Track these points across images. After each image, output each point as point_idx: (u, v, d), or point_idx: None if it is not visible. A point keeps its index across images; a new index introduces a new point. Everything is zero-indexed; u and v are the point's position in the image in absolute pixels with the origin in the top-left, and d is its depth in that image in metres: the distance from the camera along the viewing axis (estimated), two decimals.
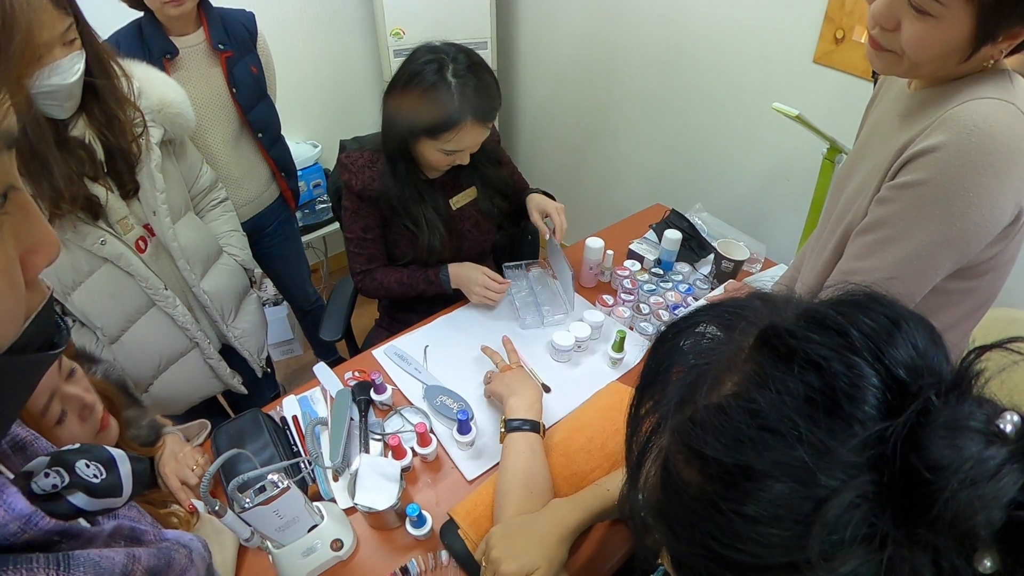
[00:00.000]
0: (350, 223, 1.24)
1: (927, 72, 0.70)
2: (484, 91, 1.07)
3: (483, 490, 0.88)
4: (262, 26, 1.50)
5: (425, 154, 1.12)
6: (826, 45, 1.56)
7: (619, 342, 1.12)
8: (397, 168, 1.18)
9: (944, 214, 0.67)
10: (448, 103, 1.04)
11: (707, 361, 0.36)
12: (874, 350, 0.31)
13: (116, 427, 0.85)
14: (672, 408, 0.36)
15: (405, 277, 1.26)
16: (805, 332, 0.32)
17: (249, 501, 0.76)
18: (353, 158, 1.20)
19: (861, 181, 0.80)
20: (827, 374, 0.30)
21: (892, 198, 0.72)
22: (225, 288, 1.22)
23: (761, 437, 0.30)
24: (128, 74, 1.01)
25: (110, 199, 0.99)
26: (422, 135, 1.09)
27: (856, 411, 0.29)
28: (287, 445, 1.02)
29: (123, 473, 0.42)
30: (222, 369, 1.25)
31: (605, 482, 0.80)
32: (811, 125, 1.23)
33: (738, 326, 0.37)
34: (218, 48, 1.36)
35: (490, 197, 1.31)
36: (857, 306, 0.34)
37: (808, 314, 0.34)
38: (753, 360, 0.34)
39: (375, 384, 1.04)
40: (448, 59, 1.05)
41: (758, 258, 1.49)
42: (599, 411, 0.97)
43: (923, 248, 0.70)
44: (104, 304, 1.04)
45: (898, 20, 0.65)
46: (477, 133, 1.09)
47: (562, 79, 2.33)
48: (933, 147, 0.66)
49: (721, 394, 0.34)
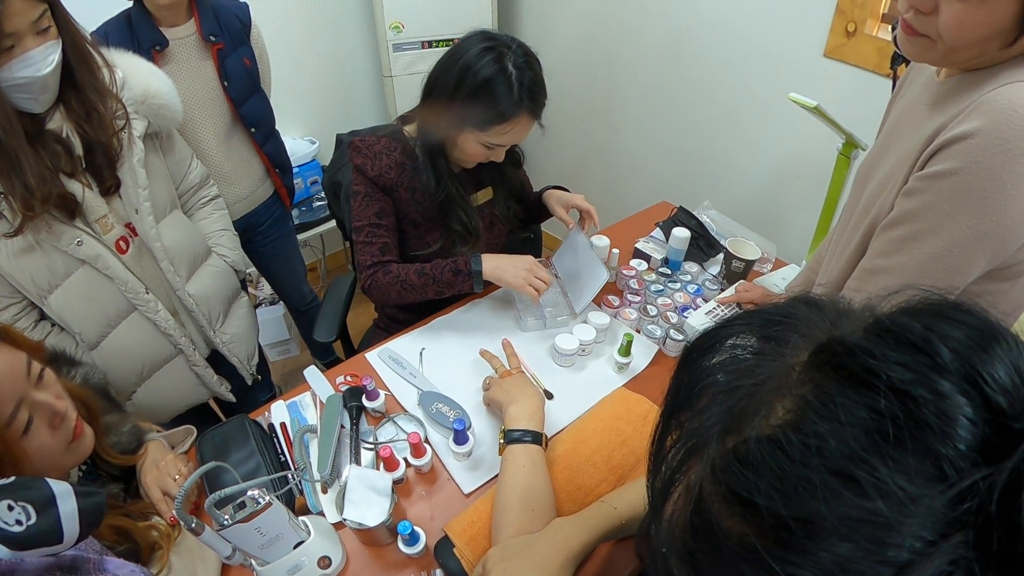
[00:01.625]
0: (361, 209, 1.12)
1: (964, 59, 0.64)
2: (539, 84, 1.03)
3: (480, 505, 0.83)
4: (258, 18, 1.45)
5: (466, 147, 1.07)
6: (837, 38, 1.51)
7: (626, 346, 1.06)
8: (438, 164, 1.11)
9: (979, 207, 0.61)
10: (507, 95, 0.99)
11: (751, 382, 0.30)
12: (968, 372, 0.25)
13: (91, 436, 0.80)
14: (709, 438, 0.30)
15: (428, 268, 1.11)
16: (878, 348, 0.26)
17: (228, 518, 0.71)
18: (369, 143, 1.12)
19: (886, 173, 0.75)
20: (911, 401, 0.25)
21: (921, 189, 0.66)
22: (213, 291, 1.16)
23: (828, 483, 0.24)
24: (110, 64, 0.96)
25: (88, 196, 0.94)
26: (470, 126, 1.03)
27: (947, 450, 0.24)
28: (274, 454, 0.96)
29: (64, 513, 0.36)
30: (208, 376, 1.20)
31: (611, 499, 0.74)
32: (829, 117, 1.17)
33: (786, 338, 0.32)
34: (209, 40, 1.31)
35: (506, 199, 1.26)
36: (939, 316, 0.28)
37: (880, 326, 0.28)
38: (811, 382, 0.28)
39: (367, 390, 0.98)
40: (508, 50, 1.00)
41: (769, 258, 1.44)
42: (605, 421, 0.91)
43: (955, 244, 0.64)
44: (82, 308, 0.98)
45: (935, 2, 0.59)
46: (526, 128, 1.06)
47: (566, 74, 2.28)
48: (967, 133, 0.61)
49: (772, 424, 0.28)
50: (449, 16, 2.06)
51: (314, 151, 2.15)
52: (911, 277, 0.68)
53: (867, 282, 0.73)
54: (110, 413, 0.93)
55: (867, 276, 0.74)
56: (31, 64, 0.82)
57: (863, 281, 0.74)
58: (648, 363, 1.12)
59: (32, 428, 0.70)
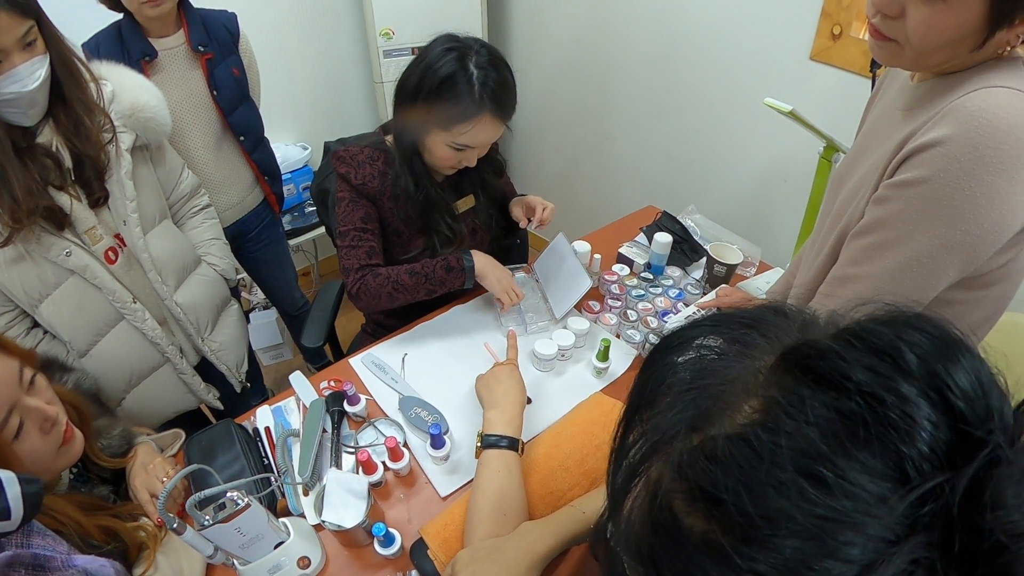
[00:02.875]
0: (346, 214, 1.13)
1: (933, 62, 0.63)
2: (504, 86, 1.04)
3: (455, 509, 0.85)
4: (249, 26, 1.47)
5: (434, 148, 1.08)
6: (823, 41, 1.51)
7: (603, 351, 1.08)
8: (415, 166, 1.12)
9: (948, 216, 0.61)
10: (467, 93, 1.00)
11: (718, 382, 0.31)
12: (932, 378, 0.26)
13: (81, 440, 0.82)
14: (674, 436, 0.31)
15: (419, 266, 1.13)
16: (847, 351, 0.27)
17: (209, 519, 0.73)
18: (352, 152, 1.14)
19: (859, 180, 0.74)
20: (877, 404, 0.25)
21: (890, 197, 0.65)
22: (202, 300, 1.19)
23: (795, 481, 0.25)
24: (96, 78, 0.98)
25: (77, 208, 0.96)
26: (435, 126, 1.04)
27: (911, 451, 0.25)
28: (258, 457, 0.99)
29: (10, 496, 0.40)
30: (196, 384, 1.22)
31: (582, 503, 0.75)
32: (805, 121, 1.19)
33: (752, 342, 0.32)
34: (198, 50, 1.34)
35: (488, 207, 1.27)
36: (906, 325, 0.29)
37: (849, 331, 0.29)
38: (779, 383, 0.29)
39: (348, 395, 1.00)
40: (471, 51, 1.02)
41: (753, 261, 1.45)
42: (580, 426, 0.93)
43: (924, 254, 0.64)
44: (71, 317, 1.01)
45: (902, 6, 0.59)
46: (492, 130, 1.06)
47: (555, 79, 2.29)
48: (936, 141, 0.60)
49: (740, 423, 0.28)
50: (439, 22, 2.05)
51: (306, 157, 2.18)
52: (880, 286, 0.68)
53: (837, 289, 0.73)
54: (101, 417, 0.96)
55: (837, 284, 0.74)
56: (18, 80, 0.84)
57: (834, 288, 0.74)
58: (627, 368, 1.14)
59: (23, 432, 0.72)
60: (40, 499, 0.44)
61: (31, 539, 0.45)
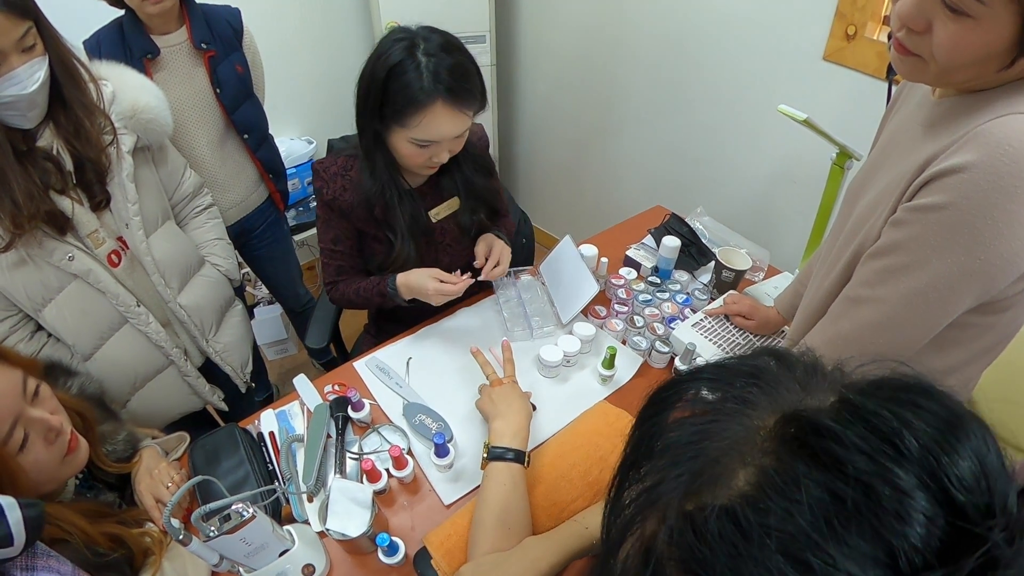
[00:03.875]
0: (321, 232, 1.17)
1: (958, 80, 0.62)
2: (458, 71, 0.96)
3: (458, 519, 0.84)
4: (253, 20, 1.46)
5: (398, 147, 1.03)
6: (837, 42, 1.48)
7: (609, 359, 1.07)
8: (376, 164, 1.08)
9: (968, 244, 0.60)
10: (415, 81, 0.94)
11: (715, 443, 0.30)
12: (931, 467, 0.25)
13: (86, 447, 0.82)
14: (669, 500, 0.30)
15: (362, 289, 1.17)
16: (845, 432, 0.27)
17: (215, 530, 0.74)
18: (326, 164, 1.12)
19: (876, 197, 0.73)
20: (872, 492, 0.25)
21: (909, 221, 0.64)
22: (205, 301, 1.18)
23: (782, 568, 0.25)
24: (96, 78, 0.97)
25: (79, 212, 0.95)
26: (392, 123, 0.99)
27: (903, 544, 0.24)
28: (263, 463, 0.99)
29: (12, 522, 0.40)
30: (201, 386, 1.22)
31: (584, 518, 0.75)
32: (820, 130, 1.16)
33: (753, 400, 0.31)
34: (201, 47, 1.32)
35: (472, 209, 1.20)
36: (908, 402, 0.28)
37: (849, 406, 0.28)
38: (775, 454, 0.28)
39: (352, 402, 1.00)
40: (420, 38, 0.97)
41: (761, 266, 1.44)
42: (585, 436, 0.92)
43: (941, 280, 0.63)
44: (75, 321, 1.00)
45: (929, 21, 0.57)
46: (451, 120, 0.98)
47: (563, 74, 2.26)
48: (959, 167, 0.58)
49: (731, 493, 0.28)
50: (446, 15, 2.04)
51: (311, 151, 2.16)
52: (895, 311, 0.67)
53: (850, 310, 0.72)
54: (105, 422, 0.96)
55: (850, 304, 0.72)
56: (17, 82, 0.83)
57: (846, 308, 0.73)
58: (632, 375, 1.13)
59: (28, 444, 0.72)
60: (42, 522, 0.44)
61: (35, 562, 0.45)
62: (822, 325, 0.78)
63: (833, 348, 0.75)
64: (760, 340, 1.18)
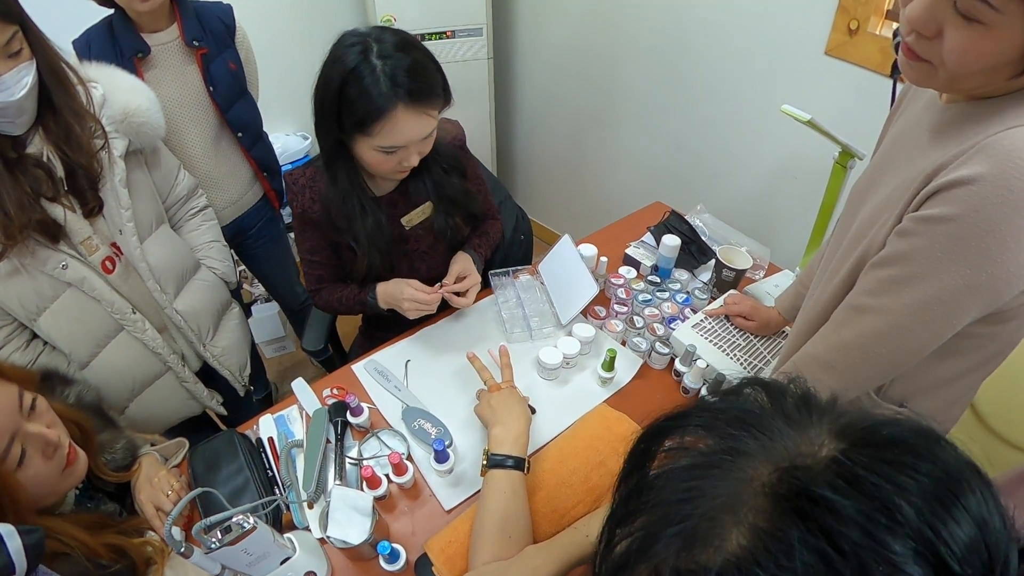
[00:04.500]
0: (298, 243, 1.16)
1: (968, 87, 0.61)
2: (416, 71, 0.91)
3: (459, 525, 0.84)
4: (245, 15, 1.43)
5: (364, 157, 0.98)
6: (839, 36, 1.46)
7: (609, 361, 1.07)
8: (338, 175, 1.04)
9: (974, 257, 0.59)
10: (372, 87, 0.89)
11: (706, 498, 0.30)
12: (926, 535, 0.25)
13: (84, 460, 0.82)
14: (661, 552, 0.30)
15: (344, 298, 1.17)
16: (839, 500, 0.26)
17: (216, 542, 0.74)
18: (295, 176, 1.09)
19: (880, 203, 0.72)
20: (865, 564, 0.25)
21: (915, 232, 0.63)
22: (202, 306, 1.17)
23: None
24: (84, 81, 0.95)
25: (72, 219, 0.94)
26: (355, 132, 0.94)
27: None
28: (262, 469, 0.98)
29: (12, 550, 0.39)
30: (199, 392, 1.21)
31: (585, 525, 0.75)
32: (824, 130, 1.15)
33: (744, 449, 0.31)
34: (192, 44, 1.30)
35: (448, 213, 1.15)
36: (905, 465, 0.27)
37: (843, 471, 0.28)
38: (767, 514, 0.28)
39: (351, 407, 1.00)
40: (373, 40, 0.92)
41: (762, 264, 1.43)
42: (585, 440, 0.92)
43: (946, 293, 0.62)
44: (70, 329, 0.99)
45: (939, 26, 0.56)
46: (415, 123, 0.93)
47: (561, 68, 2.23)
48: (968, 179, 0.57)
49: (725, 556, 0.28)
50: (442, 8, 2.02)
51: (306, 147, 2.14)
52: (899, 321, 0.66)
53: (853, 318, 0.72)
54: (104, 431, 0.95)
55: (853, 312, 0.72)
56: (4, 88, 0.81)
57: (849, 316, 0.73)
58: (632, 376, 1.13)
59: (26, 459, 0.72)
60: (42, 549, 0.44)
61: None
62: (824, 332, 0.78)
63: (835, 356, 0.75)
64: (761, 341, 1.18)
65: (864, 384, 0.78)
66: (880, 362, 0.72)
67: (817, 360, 0.78)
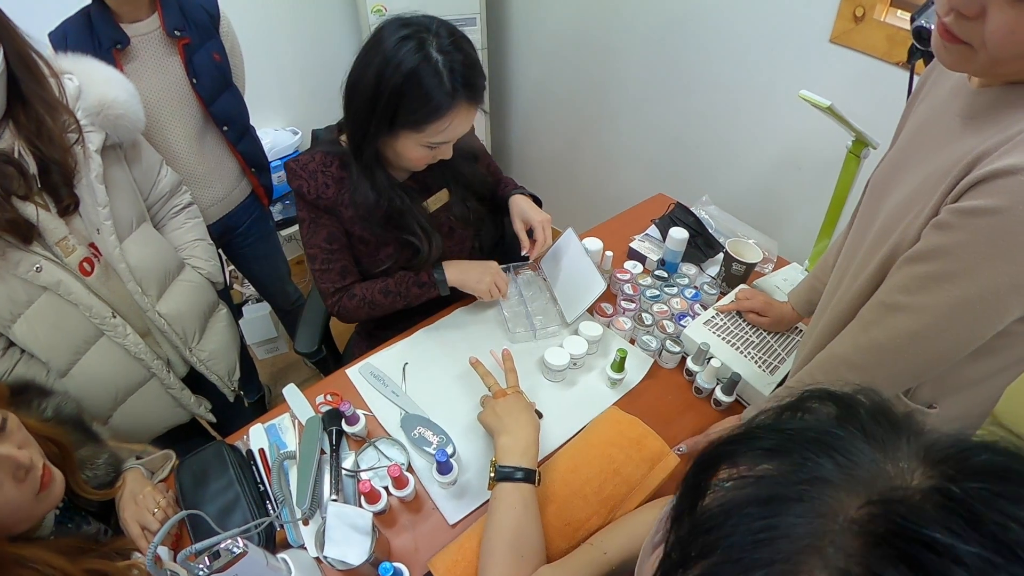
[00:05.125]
0: (310, 236, 1.07)
1: (1008, 71, 0.56)
2: (473, 67, 0.91)
3: (466, 542, 0.79)
4: (233, 6, 1.36)
5: (406, 152, 0.95)
6: (844, 23, 1.42)
7: (619, 362, 1.02)
8: (376, 175, 1.01)
9: (1021, 253, 0.55)
10: (438, 87, 0.87)
11: (786, 541, 0.25)
12: None
13: (61, 480, 0.76)
14: None
15: (392, 284, 1.10)
16: (956, 546, 0.22)
17: (204, 569, 0.68)
18: (303, 162, 1.03)
19: (909, 193, 0.68)
20: None
21: (955, 225, 0.59)
22: (187, 308, 1.11)
23: None
24: (57, 72, 0.88)
25: (46, 218, 0.87)
26: (404, 128, 0.91)
27: None
28: (253, 483, 0.93)
29: None
30: (186, 399, 1.15)
31: (601, 542, 0.70)
32: (842, 117, 1.10)
33: (825, 475, 0.26)
34: (174, 35, 1.23)
35: (464, 199, 1.14)
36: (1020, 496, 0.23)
37: (949, 499, 0.24)
38: (860, 560, 0.23)
39: (346, 415, 0.94)
40: (429, 34, 0.88)
41: (771, 257, 1.38)
42: (597, 447, 0.87)
43: (989, 291, 0.58)
44: (48, 336, 0.93)
45: (982, 6, 0.52)
46: (468, 118, 0.95)
47: (556, 58, 2.18)
48: (1015, 168, 0.53)
49: None
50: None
51: (297, 142, 2.07)
52: (937, 320, 0.62)
53: (886, 317, 0.68)
54: (84, 446, 0.89)
55: (886, 311, 0.68)
56: None
57: (881, 315, 0.68)
58: (642, 377, 1.08)
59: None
60: None
61: None
62: (852, 332, 0.74)
63: (865, 357, 0.71)
64: (775, 338, 1.13)
65: (894, 387, 0.74)
66: (914, 364, 0.68)
67: (845, 361, 0.74)
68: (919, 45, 0.91)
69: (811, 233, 1.52)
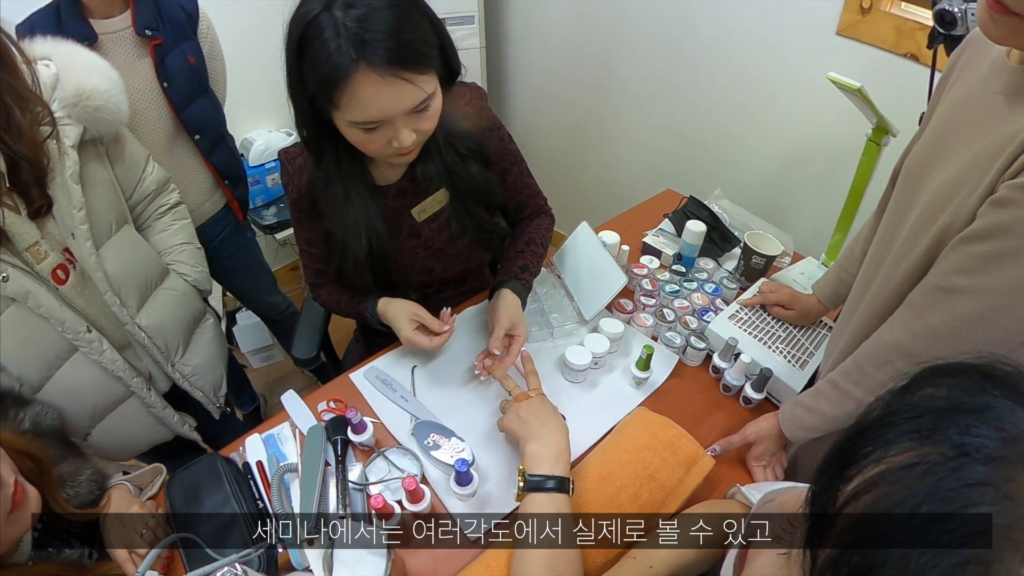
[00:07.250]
0: (296, 232, 1.04)
1: None
2: (384, 22, 0.70)
3: (493, 560, 0.71)
4: (225, 5, 1.28)
5: (346, 133, 0.80)
6: (851, 15, 1.40)
7: (645, 359, 0.95)
8: (324, 155, 0.88)
9: None
10: (330, 43, 0.70)
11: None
12: None
13: (36, 499, 0.69)
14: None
15: (343, 303, 1.06)
16: None
17: None
18: (291, 155, 0.95)
19: (956, 173, 0.65)
20: None
21: (1016, 200, 0.56)
22: (170, 320, 1.02)
23: None
24: (30, 59, 0.81)
25: (15, 222, 0.79)
26: (324, 103, 0.76)
27: None
28: (251, 499, 0.84)
29: None
30: (168, 417, 1.06)
31: (645, 555, 0.63)
32: (870, 101, 1.07)
33: (1000, 453, 0.23)
34: (145, 34, 1.15)
35: (464, 209, 0.99)
36: None
37: None
38: None
39: (352, 423, 0.86)
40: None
41: (788, 251, 1.34)
42: (630, 452, 0.80)
43: None
44: (16, 351, 0.84)
45: None
46: (387, 91, 0.72)
47: (558, 55, 2.14)
48: None
49: None
50: None
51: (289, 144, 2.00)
52: (1000, 302, 0.59)
53: (942, 300, 0.64)
54: (65, 461, 0.81)
55: (941, 294, 0.64)
56: None
57: (937, 299, 0.65)
58: (668, 375, 1.01)
59: None
60: None
61: None
62: (903, 318, 0.70)
63: (920, 344, 0.67)
64: (801, 332, 1.08)
65: None
66: (973, 349, 0.64)
67: (896, 348, 0.70)
68: (941, 29, 0.89)
69: (822, 226, 1.48)
